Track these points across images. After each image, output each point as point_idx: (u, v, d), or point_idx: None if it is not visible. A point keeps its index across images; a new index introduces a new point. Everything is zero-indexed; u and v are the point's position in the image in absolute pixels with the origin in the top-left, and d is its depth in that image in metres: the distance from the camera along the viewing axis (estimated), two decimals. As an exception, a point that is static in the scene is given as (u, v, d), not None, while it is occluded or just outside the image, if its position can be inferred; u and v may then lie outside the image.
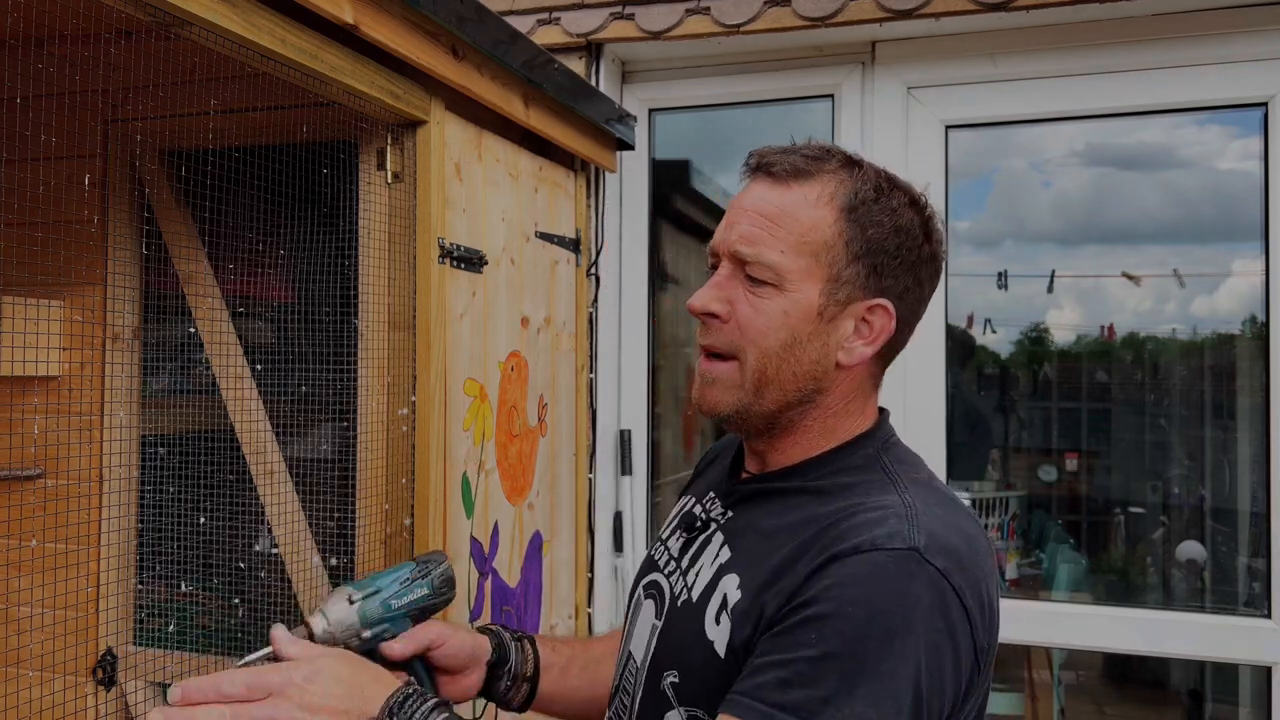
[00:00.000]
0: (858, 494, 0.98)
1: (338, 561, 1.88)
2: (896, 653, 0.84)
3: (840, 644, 0.85)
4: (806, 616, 0.87)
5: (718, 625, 0.97)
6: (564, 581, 2.40)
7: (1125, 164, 2.67)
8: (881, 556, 0.88)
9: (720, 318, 1.03)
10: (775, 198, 1.02)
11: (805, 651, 0.86)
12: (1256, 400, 2.42)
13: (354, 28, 1.50)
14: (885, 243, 1.01)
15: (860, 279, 1.01)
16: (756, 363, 1.02)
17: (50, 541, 1.95)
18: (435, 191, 1.77)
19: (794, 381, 1.02)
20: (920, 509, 0.93)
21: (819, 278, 1.00)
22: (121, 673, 2.00)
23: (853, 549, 0.89)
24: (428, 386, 1.76)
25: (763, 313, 1.01)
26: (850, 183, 1.02)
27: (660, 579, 1.12)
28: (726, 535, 1.06)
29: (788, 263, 1.00)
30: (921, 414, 2.54)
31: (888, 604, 0.86)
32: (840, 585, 0.87)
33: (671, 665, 1.02)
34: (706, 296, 1.04)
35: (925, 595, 0.87)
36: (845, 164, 1.04)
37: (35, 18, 1.44)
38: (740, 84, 2.71)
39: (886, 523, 0.91)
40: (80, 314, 1.99)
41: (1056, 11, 2.34)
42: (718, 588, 1.00)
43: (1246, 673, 2.65)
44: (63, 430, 1.98)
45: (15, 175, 1.71)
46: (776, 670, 0.86)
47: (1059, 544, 3.04)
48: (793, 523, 0.99)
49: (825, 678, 0.84)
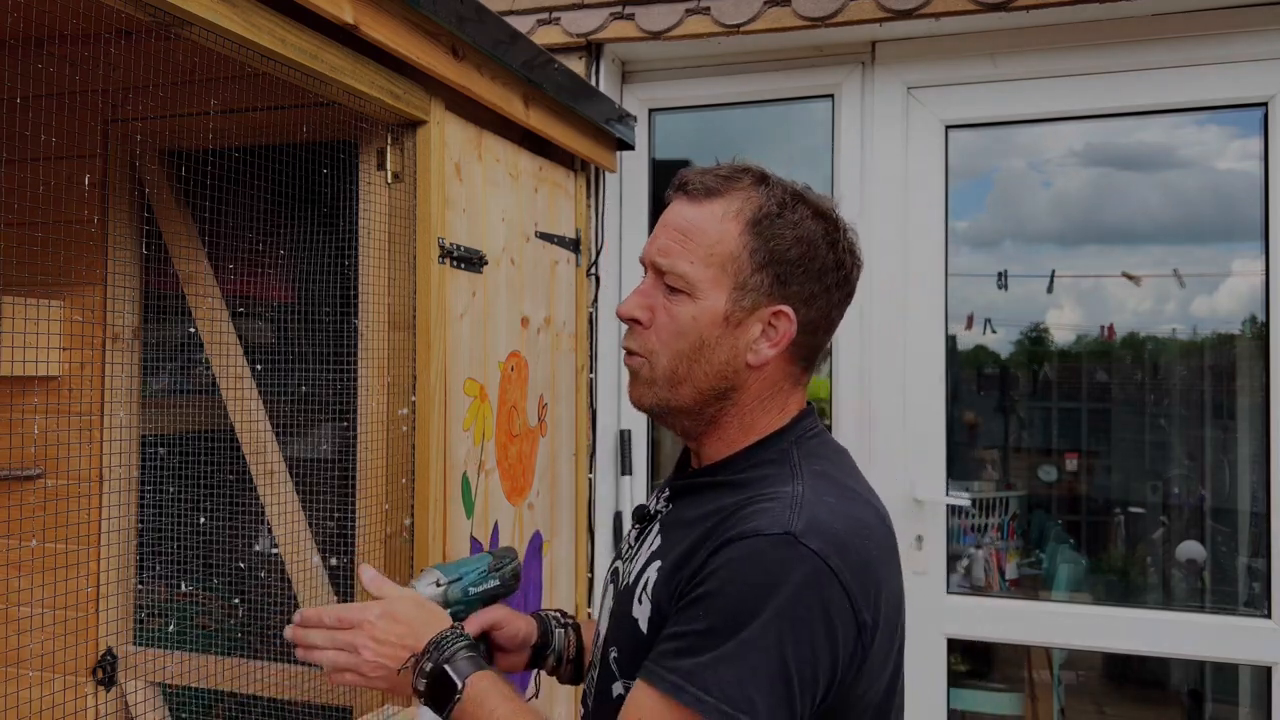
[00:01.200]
0: (761, 485, 1.09)
1: (338, 561, 1.89)
2: (763, 624, 0.96)
3: (718, 619, 0.97)
4: (696, 596, 1.00)
5: (640, 605, 1.11)
6: (564, 581, 2.40)
7: (1125, 164, 2.67)
8: (760, 541, 0.99)
9: (642, 323, 1.16)
10: (689, 214, 1.13)
11: (694, 625, 0.99)
12: (1256, 400, 2.42)
13: (354, 28, 1.50)
14: (787, 253, 1.11)
15: (765, 287, 1.11)
16: (669, 363, 1.13)
17: (50, 541, 1.95)
18: (435, 191, 1.77)
19: (706, 380, 1.13)
20: (808, 498, 1.04)
21: (726, 286, 1.11)
22: (121, 673, 2.00)
23: (738, 535, 1.00)
24: (428, 386, 1.76)
25: (675, 318, 1.12)
26: (757, 199, 1.12)
27: (620, 565, 1.26)
28: (662, 526, 1.18)
29: (697, 272, 1.11)
30: (922, 414, 2.54)
31: (758, 582, 0.97)
32: (723, 567, 1.00)
33: (613, 642, 1.15)
34: (631, 304, 1.16)
35: (796, 573, 0.97)
36: (756, 181, 1.14)
37: (35, 18, 1.44)
38: (740, 84, 2.71)
39: (770, 512, 1.02)
40: (80, 314, 1.99)
41: (1056, 11, 2.34)
42: (645, 572, 1.13)
43: (1246, 673, 2.65)
44: (63, 430, 1.98)
45: (15, 175, 1.72)
46: (674, 642, 1.00)
47: (1059, 544, 3.04)
48: (706, 513, 1.10)
49: (706, 647, 0.97)
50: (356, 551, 1.77)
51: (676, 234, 1.12)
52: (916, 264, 2.56)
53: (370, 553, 1.77)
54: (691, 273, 1.11)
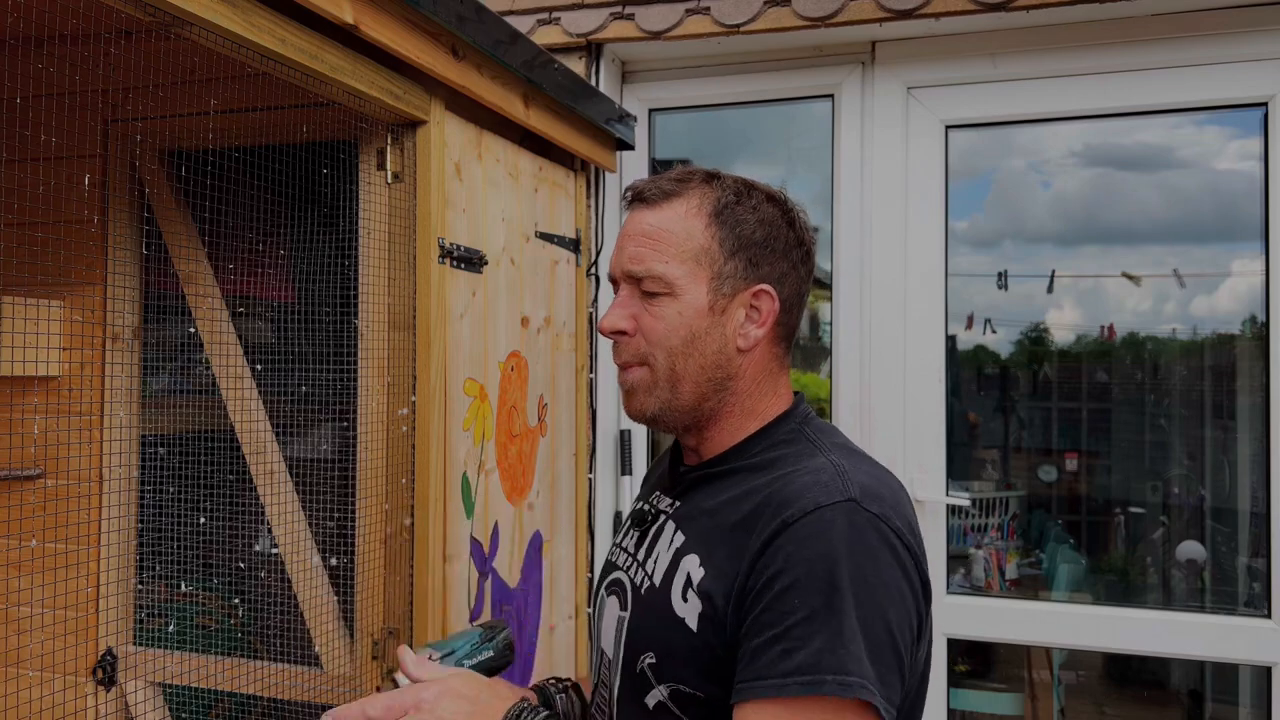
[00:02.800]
0: (788, 463, 1.09)
1: (338, 561, 1.89)
2: (860, 592, 0.95)
3: (816, 599, 0.95)
4: (781, 588, 0.97)
5: (685, 602, 1.06)
6: (564, 581, 2.40)
7: (1124, 164, 2.67)
8: (826, 513, 0.98)
9: (628, 333, 1.16)
10: (651, 218, 1.15)
11: (793, 618, 0.95)
12: (1256, 400, 2.42)
13: (354, 28, 1.50)
14: (754, 235, 1.14)
15: (740, 271, 1.14)
16: (666, 362, 1.14)
17: (50, 541, 1.95)
18: (435, 191, 1.77)
19: (703, 372, 1.14)
20: (848, 466, 1.05)
21: (703, 278, 1.13)
22: (121, 673, 2.00)
23: (800, 512, 0.99)
24: (428, 386, 1.76)
25: (661, 318, 1.14)
26: (713, 193, 1.15)
27: (620, 576, 1.22)
28: (678, 522, 1.16)
29: (673, 271, 1.13)
30: (922, 414, 2.54)
31: (839, 553, 0.96)
32: (799, 548, 0.97)
33: (646, 648, 1.10)
34: (613, 317, 1.17)
35: (871, 536, 0.98)
36: (706, 179, 1.17)
37: (35, 18, 1.44)
38: (740, 84, 2.71)
39: (820, 484, 1.02)
40: (80, 314, 1.99)
41: (1056, 11, 2.34)
42: (679, 568, 1.09)
43: (1246, 673, 2.65)
44: (63, 430, 1.98)
45: (15, 175, 1.72)
46: (775, 645, 0.95)
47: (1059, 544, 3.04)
48: (733, 497, 1.10)
49: (817, 633, 0.94)
50: (357, 551, 1.77)
51: (644, 240, 1.15)
52: (916, 264, 2.56)
53: (370, 553, 1.77)
54: (669, 272, 1.13)
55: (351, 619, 1.84)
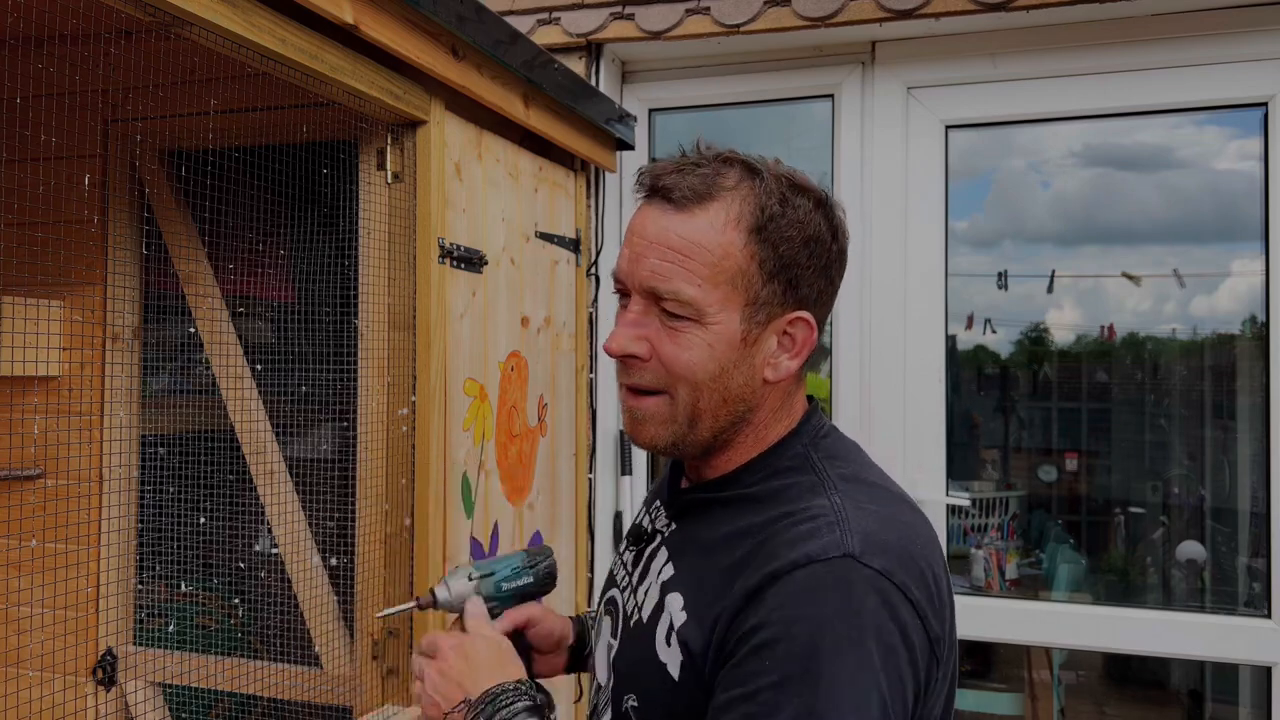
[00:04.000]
0: (788, 499, 0.97)
1: (338, 561, 1.89)
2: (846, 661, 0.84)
3: (793, 666, 0.84)
4: (756, 645, 0.87)
5: (668, 647, 0.97)
6: (564, 581, 2.40)
7: (1124, 164, 2.67)
8: (819, 569, 0.87)
9: (641, 358, 1.00)
10: (679, 227, 0.97)
11: (762, 680, 0.85)
12: (1256, 400, 2.42)
13: (354, 28, 1.50)
14: (797, 256, 0.98)
15: (778, 296, 0.99)
16: (689, 397, 1.00)
17: (50, 541, 1.95)
18: (435, 191, 1.77)
19: (724, 407, 1.01)
20: (850, 510, 0.93)
21: (737, 304, 0.97)
22: (121, 673, 2.00)
23: (790, 565, 0.88)
24: (428, 386, 1.76)
25: (687, 348, 0.98)
26: (753, 198, 0.98)
27: (617, 595, 1.13)
28: (670, 550, 1.06)
29: (705, 295, 0.96)
30: (922, 415, 2.54)
31: (832, 616, 0.85)
32: (783, 606, 0.87)
33: (629, 688, 1.02)
34: (624, 338, 1.00)
35: (869, 600, 0.86)
36: (745, 174, 1.00)
37: (35, 18, 1.44)
38: (740, 84, 2.71)
39: (818, 533, 0.90)
40: (80, 314, 1.99)
41: (1056, 11, 2.34)
42: (665, 608, 1.00)
43: (1246, 673, 2.65)
44: (63, 430, 1.98)
45: (15, 175, 1.71)
46: (741, 705, 0.86)
47: (1059, 544, 3.04)
48: (728, 535, 0.99)
49: (787, 703, 0.83)
50: (357, 551, 1.77)
51: (669, 252, 0.97)
52: (916, 264, 2.56)
53: (370, 553, 1.77)
54: (700, 297, 0.96)
55: (351, 619, 1.84)
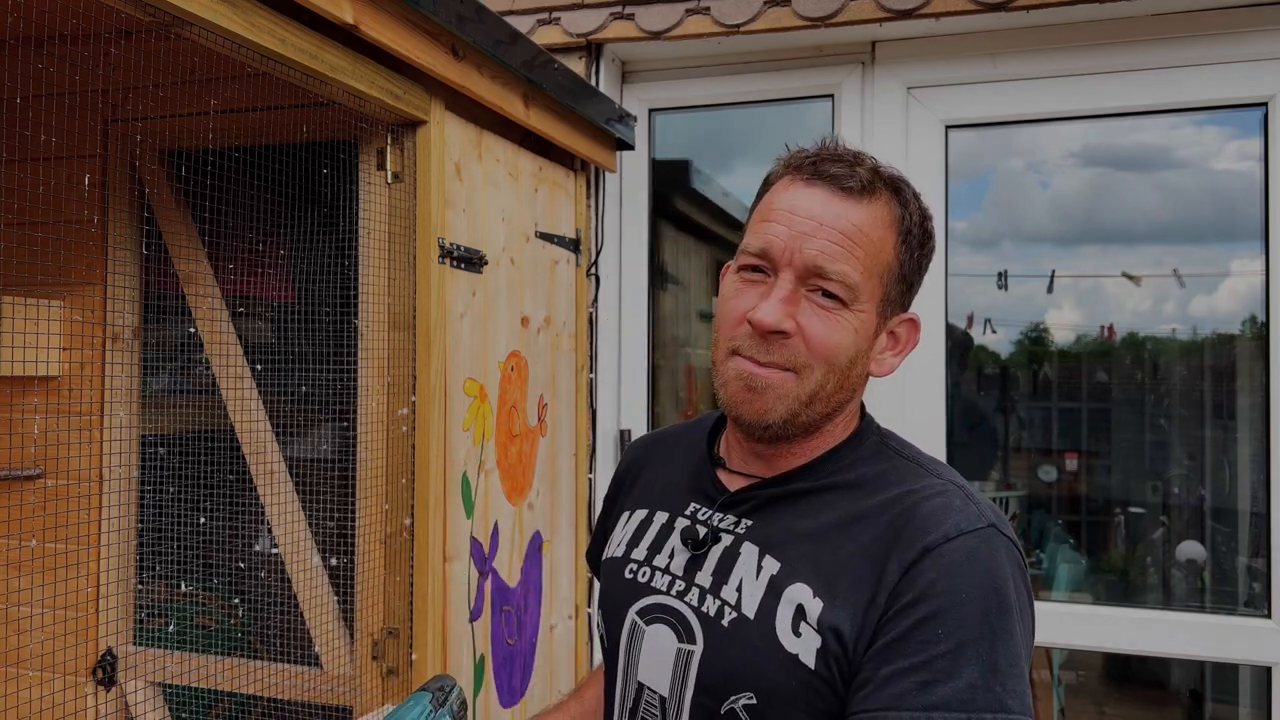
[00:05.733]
0: (895, 483, 1.02)
1: (338, 561, 1.89)
2: (1013, 620, 0.91)
3: (968, 631, 0.89)
4: (923, 616, 0.91)
5: (798, 637, 0.96)
6: (564, 581, 2.40)
7: (1124, 164, 2.67)
8: (971, 540, 0.94)
9: (788, 333, 1.01)
10: (851, 214, 1.01)
11: (938, 648, 0.89)
12: (1256, 400, 2.42)
13: (354, 28, 1.51)
14: (921, 265, 1.09)
15: (901, 298, 1.08)
16: (820, 378, 1.02)
17: (50, 541, 1.95)
18: (435, 191, 1.77)
19: (840, 393, 1.05)
20: (968, 488, 1.01)
21: (878, 298, 1.04)
22: (121, 673, 2.00)
23: (942, 538, 0.94)
24: (428, 386, 1.76)
25: (837, 329, 1.01)
26: (899, 203, 1.06)
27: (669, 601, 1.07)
28: (761, 545, 1.03)
29: (863, 283, 1.02)
30: (921, 414, 2.54)
31: (989, 582, 0.92)
32: (945, 576, 0.92)
33: (739, 688, 0.98)
34: (779, 312, 1.00)
35: (1012, 565, 0.95)
36: (892, 185, 1.06)
37: (35, 18, 1.44)
38: (740, 84, 2.71)
39: (954, 508, 0.97)
40: (80, 314, 1.99)
41: (1056, 11, 2.34)
42: (783, 599, 0.99)
43: (1246, 673, 2.65)
44: (63, 430, 1.98)
45: (15, 175, 1.72)
46: (913, 675, 0.89)
47: (1059, 544, 3.04)
48: (839, 520, 1.01)
49: (966, 665, 0.88)
50: (357, 551, 1.77)
51: (843, 237, 1.00)
52: (916, 264, 2.56)
53: (370, 553, 1.77)
54: (861, 283, 1.01)
55: (351, 619, 1.84)
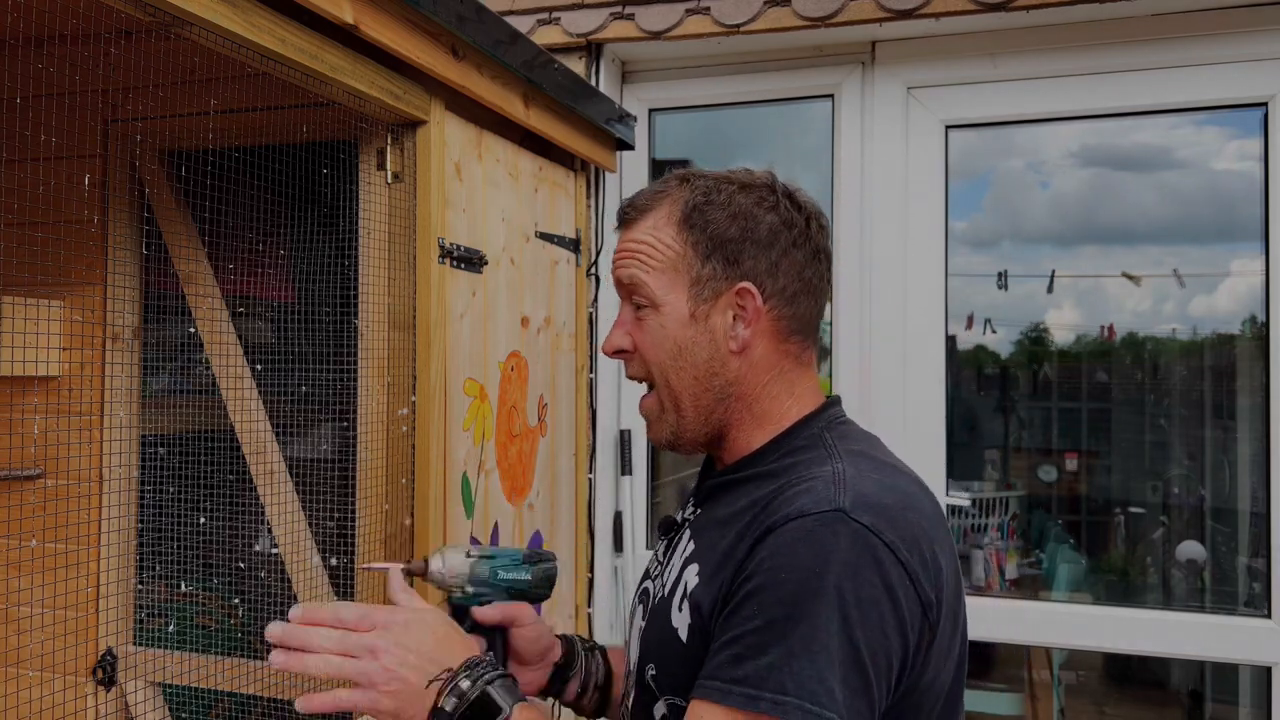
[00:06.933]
0: (797, 470, 1.04)
1: (338, 561, 1.89)
2: (827, 607, 0.90)
3: (776, 610, 0.91)
4: (747, 592, 0.94)
5: (680, 613, 1.05)
6: (564, 581, 2.40)
7: (1123, 164, 2.67)
8: (809, 521, 0.94)
9: (627, 350, 1.16)
10: (632, 233, 1.16)
11: (749, 625, 0.92)
12: (1256, 400, 2.42)
13: (354, 28, 1.51)
14: (727, 232, 1.11)
15: (720, 272, 1.11)
16: (661, 379, 1.14)
17: (50, 541, 1.95)
18: (435, 191, 1.78)
19: (698, 383, 1.12)
20: (851, 474, 0.99)
21: (682, 286, 1.12)
22: (121, 673, 2.00)
23: (782, 519, 0.95)
24: (428, 386, 1.76)
25: (649, 331, 1.13)
26: (682, 197, 1.13)
27: (649, 584, 1.21)
28: (693, 531, 1.14)
29: (653, 281, 1.12)
30: (922, 414, 2.54)
31: (814, 563, 0.91)
32: (772, 555, 0.94)
33: (650, 659, 1.10)
34: (614, 337, 1.17)
35: (851, 551, 0.92)
36: (680, 183, 1.15)
37: (35, 18, 1.44)
38: (740, 84, 2.71)
39: (814, 491, 0.97)
40: (80, 314, 1.99)
41: (1056, 11, 2.34)
42: (681, 579, 1.08)
43: (1246, 673, 2.65)
44: (63, 430, 1.98)
45: (15, 175, 1.72)
46: (729, 648, 0.93)
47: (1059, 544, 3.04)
48: (740, 508, 1.06)
49: (769, 645, 0.90)
50: (357, 551, 1.77)
51: (626, 255, 1.15)
52: (916, 264, 2.56)
53: (370, 553, 1.77)
54: (649, 282, 1.12)
55: (351, 619, 1.84)
